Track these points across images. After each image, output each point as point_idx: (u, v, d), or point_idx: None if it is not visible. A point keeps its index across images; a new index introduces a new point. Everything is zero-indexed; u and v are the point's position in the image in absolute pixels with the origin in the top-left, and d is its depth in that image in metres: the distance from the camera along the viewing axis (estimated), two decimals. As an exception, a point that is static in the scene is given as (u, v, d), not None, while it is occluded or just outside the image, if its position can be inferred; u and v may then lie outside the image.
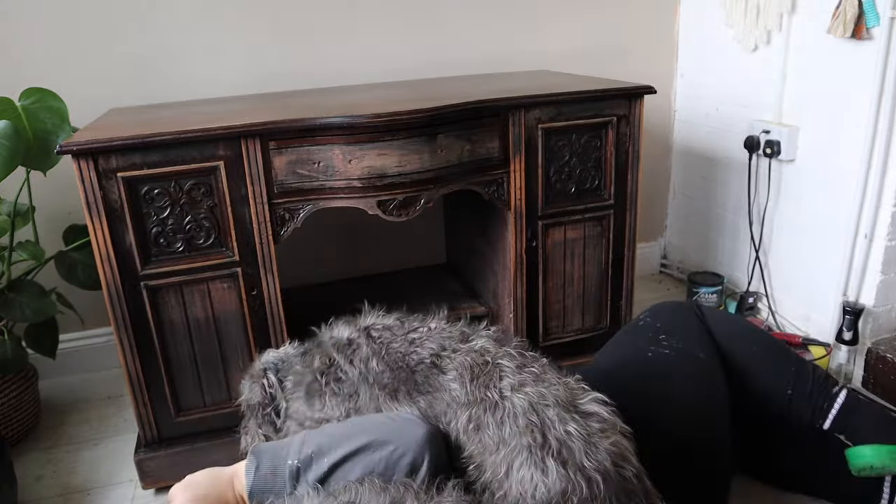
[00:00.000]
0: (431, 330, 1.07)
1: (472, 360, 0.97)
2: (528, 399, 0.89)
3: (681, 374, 1.28)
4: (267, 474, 0.92)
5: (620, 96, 1.64)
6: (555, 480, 0.81)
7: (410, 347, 1.04)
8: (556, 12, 2.22)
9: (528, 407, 0.88)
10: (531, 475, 0.82)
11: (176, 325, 1.47)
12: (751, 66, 2.08)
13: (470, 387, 0.94)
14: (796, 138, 1.94)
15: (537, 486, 0.82)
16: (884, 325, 1.85)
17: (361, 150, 1.43)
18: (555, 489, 0.80)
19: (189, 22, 1.90)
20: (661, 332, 1.35)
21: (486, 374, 0.94)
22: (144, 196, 1.38)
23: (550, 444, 0.83)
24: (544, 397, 0.89)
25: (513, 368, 0.94)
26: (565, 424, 0.85)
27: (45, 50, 1.81)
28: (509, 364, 0.95)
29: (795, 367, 1.35)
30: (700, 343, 1.34)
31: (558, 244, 1.72)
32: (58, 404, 1.94)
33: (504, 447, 0.86)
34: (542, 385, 0.91)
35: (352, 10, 2.02)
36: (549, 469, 0.81)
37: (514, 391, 0.91)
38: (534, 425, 0.86)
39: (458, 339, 1.04)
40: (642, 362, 1.32)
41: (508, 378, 0.93)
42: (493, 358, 0.97)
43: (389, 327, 1.10)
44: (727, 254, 2.33)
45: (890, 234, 1.74)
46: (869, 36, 1.68)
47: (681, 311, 1.42)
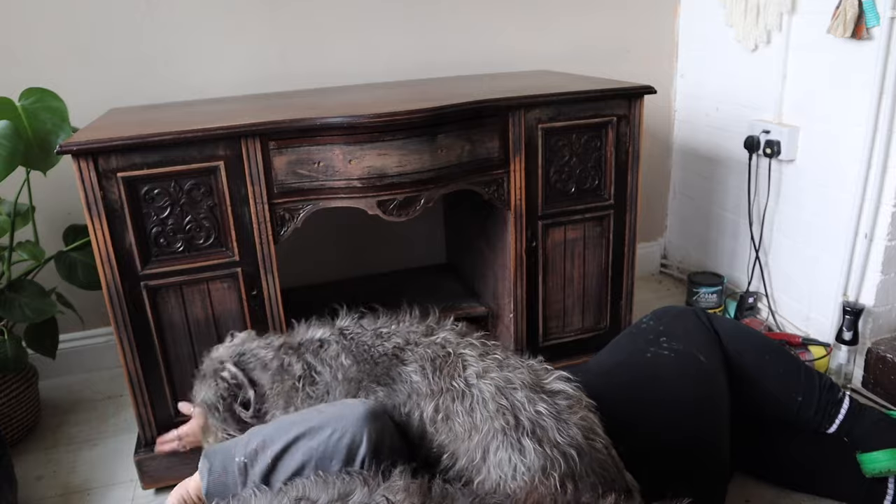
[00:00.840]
0: (399, 325, 1.08)
1: (434, 352, 0.99)
2: (495, 384, 0.91)
3: (678, 376, 1.29)
4: (220, 474, 0.93)
5: (620, 96, 1.64)
6: (533, 459, 0.82)
7: (377, 341, 1.06)
8: (557, 12, 2.22)
9: (496, 391, 0.90)
10: (508, 457, 0.84)
11: (176, 325, 1.47)
12: (751, 65, 2.08)
13: (433, 378, 0.95)
14: (796, 138, 1.94)
15: (516, 466, 0.83)
16: (884, 325, 1.84)
17: (361, 150, 1.43)
18: (534, 467, 0.82)
19: (189, 22, 1.90)
20: (662, 335, 1.35)
21: (449, 364, 0.96)
22: (144, 196, 1.38)
23: (524, 425, 0.85)
24: (510, 381, 0.91)
25: (475, 357, 0.96)
26: (535, 405, 0.87)
27: (45, 50, 1.81)
28: (471, 353, 0.97)
29: (804, 375, 1.38)
30: (702, 347, 1.34)
31: (558, 244, 1.72)
32: (58, 404, 1.94)
33: (477, 433, 0.87)
34: (507, 370, 0.93)
35: (351, 10, 2.02)
36: (526, 448, 0.83)
37: (480, 378, 0.93)
38: (504, 409, 0.87)
39: (422, 333, 1.06)
40: (640, 362, 1.32)
41: (472, 367, 0.95)
42: (454, 349, 0.98)
43: (361, 324, 1.11)
44: (727, 254, 2.33)
45: (890, 234, 1.74)
46: (869, 36, 1.68)
47: (685, 315, 1.43)
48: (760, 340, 1.43)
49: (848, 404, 1.36)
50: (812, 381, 1.37)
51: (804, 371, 1.39)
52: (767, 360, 1.38)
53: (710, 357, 1.33)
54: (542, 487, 0.79)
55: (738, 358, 1.36)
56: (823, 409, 1.35)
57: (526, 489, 0.79)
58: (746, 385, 1.35)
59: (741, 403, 1.37)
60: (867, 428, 1.35)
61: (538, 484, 0.80)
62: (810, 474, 1.44)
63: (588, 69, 2.22)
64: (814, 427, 1.36)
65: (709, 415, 1.27)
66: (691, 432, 1.24)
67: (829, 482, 1.42)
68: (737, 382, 1.35)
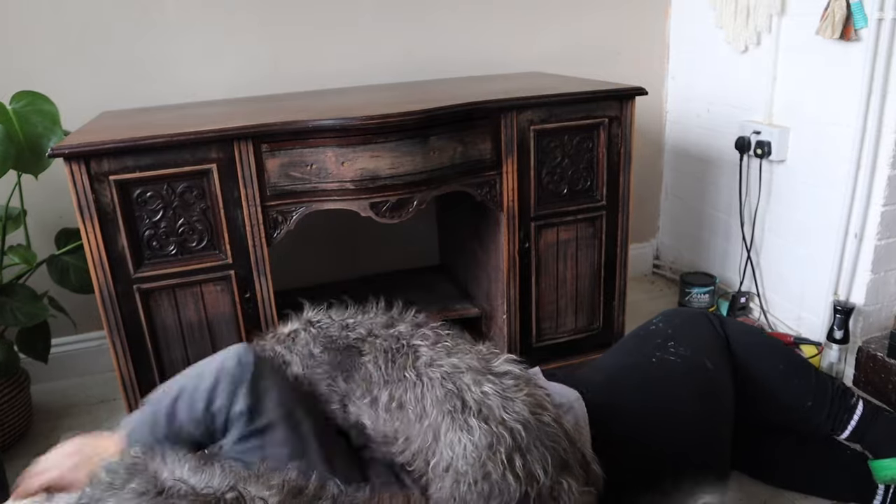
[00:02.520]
0: (363, 317, 1.13)
1: (389, 344, 1.03)
2: (443, 371, 0.95)
3: (683, 383, 1.27)
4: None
5: (612, 98, 1.65)
6: (480, 437, 0.86)
7: (342, 332, 1.09)
8: (548, 14, 2.22)
9: (444, 377, 0.94)
10: (458, 437, 0.88)
11: (169, 328, 1.47)
12: (741, 67, 2.10)
13: (385, 369, 1.00)
14: (787, 139, 1.95)
15: (465, 445, 0.87)
16: (874, 323, 1.86)
17: (354, 152, 1.43)
18: (481, 444, 0.86)
19: (181, 25, 1.90)
20: (670, 339, 1.33)
21: (402, 355, 1.01)
22: (137, 199, 1.38)
23: (470, 406, 0.89)
24: (458, 366, 0.95)
25: (427, 346, 1.01)
26: (480, 386, 0.92)
27: (37, 53, 1.81)
28: (423, 343, 1.02)
29: (816, 379, 1.36)
30: (710, 352, 1.32)
31: (551, 245, 1.73)
32: (50, 409, 1.93)
33: (426, 417, 0.92)
34: (456, 356, 0.98)
35: (344, 13, 2.02)
36: (473, 427, 0.87)
37: (428, 367, 0.97)
38: (452, 392, 0.92)
39: (382, 324, 1.09)
40: (645, 367, 1.31)
41: (423, 356, 0.99)
42: (408, 340, 1.03)
43: (330, 315, 1.15)
44: (719, 254, 2.34)
45: (879, 234, 1.75)
46: (857, 37, 1.69)
47: (695, 318, 1.41)
48: (770, 344, 1.41)
49: (861, 410, 1.34)
50: (823, 386, 1.35)
51: (815, 376, 1.37)
52: (777, 365, 1.36)
53: (717, 363, 1.31)
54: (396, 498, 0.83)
55: (746, 362, 1.35)
56: (835, 415, 1.33)
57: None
58: (755, 390, 1.33)
59: (749, 408, 1.35)
60: (880, 434, 1.33)
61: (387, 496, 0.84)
62: (802, 473, 1.45)
63: (580, 71, 2.22)
64: (825, 433, 1.34)
65: (712, 423, 1.26)
66: (693, 440, 1.23)
67: (820, 481, 1.43)
68: (745, 387, 1.34)
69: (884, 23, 1.62)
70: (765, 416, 1.38)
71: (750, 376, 1.34)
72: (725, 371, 1.32)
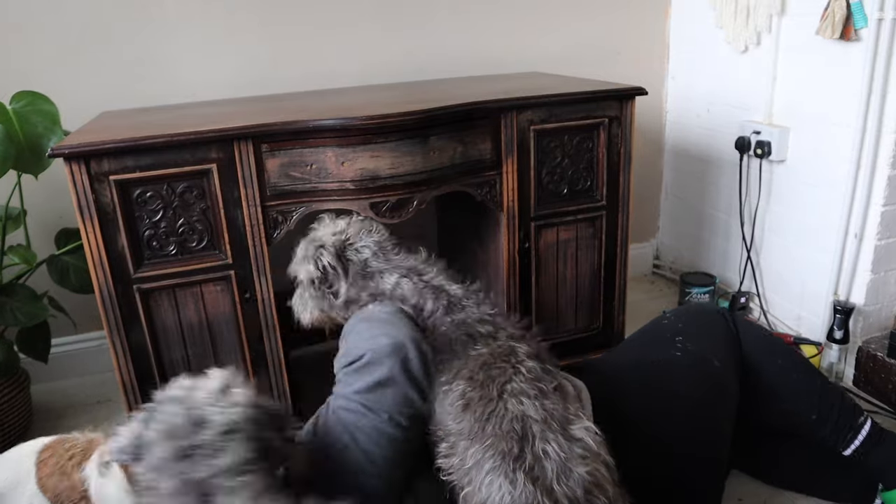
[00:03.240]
0: (500, 319, 1.10)
1: (501, 351, 0.99)
2: (523, 409, 0.89)
3: (684, 378, 1.27)
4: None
5: (612, 98, 1.65)
6: (521, 494, 0.81)
7: (478, 325, 1.06)
8: (548, 15, 2.22)
9: (518, 416, 0.89)
10: (499, 484, 0.84)
11: (169, 328, 1.47)
12: (741, 67, 2.10)
13: (478, 370, 0.95)
14: (787, 139, 1.95)
15: (504, 496, 0.82)
16: (874, 323, 1.86)
17: (354, 152, 1.43)
18: (519, 502, 0.81)
19: (181, 25, 1.90)
20: (679, 333, 1.33)
21: (498, 367, 0.96)
22: (137, 199, 1.38)
23: (526, 458, 0.84)
24: (536, 411, 0.89)
25: (524, 376, 0.95)
26: (546, 443, 0.86)
27: (37, 53, 1.81)
28: (525, 371, 0.96)
29: (825, 392, 1.34)
30: (719, 350, 1.31)
31: (551, 245, 1.73)
32: (50, 408, 1.93)
33: (479, 442, 0.87)
34: (543, 399, 0.92)
35: (343, 12, 2.02)
36: (518, 482, 0.82)
37: (512, 396, 0.92)
38: (515, 434, 0.86)
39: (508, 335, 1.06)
40: (650, 361, 1.31)
41: (513, 383, 0.94)
42: (516, 360, 0.98)
43: (477, 303, 1.13)
44: (719, 254, 2.34)
45: (879, 234, 1.75)
46: (857, 37, 1.69)
47: (709, 314, 1.40)
48: (783, 351, 1.39)
49: (868, 430, 1.32)
50: (832, 400, 1.33)
51: (825, 388, 1.35)
52: (787, 373, 1.34)
53: (725, 361, 1.30)
54: None
55: (756, 366, 1.33)
56: (840, 431, 1.32)
57: None
58: (762, 395, 1.33)
59: (754, 409, 1.35)
60: (886, 460, 1.31)
61: None
62: (802, 473, 1.45)
63: (580, 71, 2.22)
64: (829, 446, 1.33)
65: (713, 419, 1.26)
66: (692, 434, 1.23)
67: (821, 481, 1.43)
68: (752, 391, 1.33)
69: (884, 23, 1.62)
70: (769, 419, 1.38)
71: (758, 377, 1.33)
72: (732, 370, 1.31)
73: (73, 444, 1.21)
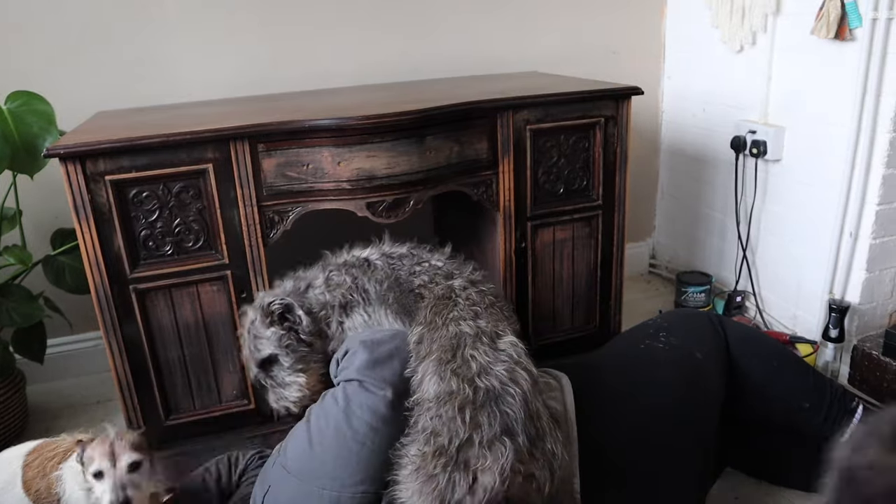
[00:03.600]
0: (429, 265, 1.28)
1: (442, 293, 1.19)
2: (459, 328, 1.10)
3: (664, 366, 1.30)
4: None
5: (608, 97, 1.66)
6: (447, 385, 1.02)
7: (412, 278, 1.27)
8: (544, 14, 2.23)
9: (456, 334, 1.09)
10: (433, 381, 1.05)
11: (165, 328, 1.47)
12: (736, 66, 2.10)
13: (429, 312, 1.16)
14: (782, 138, 1.96)
15: (434, 387, 1.04)
16: (869, 322, 1.87)
17: (350, 152, 1.43)
18: (444, 391, 1.02)
19: (177, 25, 1.90)
20: (663, 330, 1.36)
21: (445, 306, 1.16)
22: (133, 199, 1.37)
23: (456, 361, 1.04)
24: (471, 328, 1.10)
25: (464, 303, 1.16)
26: (474, 350, 1.06)
27: (32, 53, 1.80)
28: (464, 302, 1.16)
29: (814, 382, 1.37)
30: (703, 346, 1.33)
31: (547, 245, 1.73)
32: (46, 409, 1.93)
33: (428, 359, 1.08)
34: (478, 320, 1.12)
35: (340, 12, 2.02)
36: (445, 378, 1.03)
37: (452, 321, 1.12)
38: (451, 346, 1.07)
39: (443, 275, 1.25)
40: (632, 352, 1.35)
41: (455, 311, 1.14)
42: (455, 295, 1.19)
43: (402, 256, 1.32)
44: (715, 253, 2.35)
45: (874, 233, 1.76)
46: (852, 37, 1.70)
47: (695, 316, 1.43)
48: (770, 346, 1.41)
49: (861, 413, 1.34)
50: (822, 389, 1.36)
51: (814, 378, 1.38)
52: (775, 367, 1.36)
53: (708, 355, 1.32)
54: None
55: (744, 363, 1.35)
56: (833, 418, 1.34)
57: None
58: (754, 393, 1.34)
59: (748, 410, 1.37)
60: None
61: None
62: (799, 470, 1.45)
63: (576, 70, 2.23)
64: (824, 435, 1.33)
65: (689, 411, 1.28)
66: (671, 424, 1.25)
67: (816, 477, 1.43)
68: (744, 390, 1.35)
69: (878, 22, 1.62)
70: (763, 415, 1.38)
71: (747, 375, 1.35)
72: (715, 365, 1.33)
73: (57, 446, 1.24)
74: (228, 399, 1.56)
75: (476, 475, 0.95)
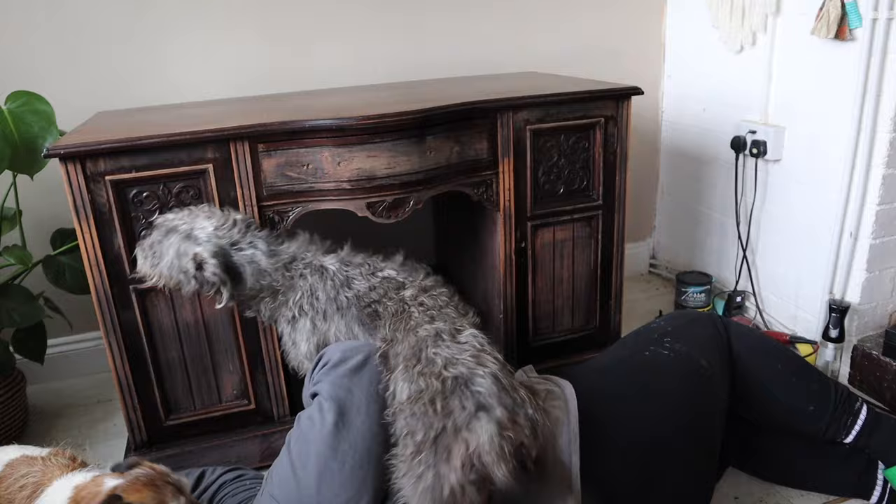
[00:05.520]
0: (382, 279, 1.28)
1: (396, 308, 1.22)
2: (418, 336, 1.13)
3: (671, 374, 1.29)
4: None
5: (608, 97, 1.65)
6: (415, 384, 1.06)
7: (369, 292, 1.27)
8: (544, 15, 2.23)
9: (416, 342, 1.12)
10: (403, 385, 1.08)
11: (165, 328, 1.47)
12: (737, 67, 2.10)
13: (388, 332, 1.19)
14: (782, 138, 1.96)
15: (405, 390, 1.07)
16: (869, 322, 1.87)
17: (350, 152, 1.43)
18: (414, 390, 1.05)
19: (177, 24, 1.90)
20: (667, 335, 1.35)
21: (401, 320, 1.19)
22: (133, 199, 1.37)
23: (420, 363, 1.08)
24: (428, 332, 1.12)
25: (418, 311, 1.18)
26: (436, 348, 1.09)
27: (32, 53, 1.80)
28: (417, 309, 1.19)
29: (818, 384, 1.37)
30: (707, 351, 1.33)
31: (547, 245, 1.73)
32: (46, 409, 1.93)
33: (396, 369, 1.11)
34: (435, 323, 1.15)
35: (340, 12, 2.02)
36: (412, 378, 1.07)
37: (411, 330, 1.15)
38: (415, 353, 1.10)
39: (394, 287, 1.26)
40: (637, 359, 1.33)
41: (412, 321, 1.17)
42: (409, 305, 1.21)
43: (359, 265, 1.31)
44: (715, 253, 2.35)
45: (874, 233, 1.76)
46: (852, 37, 1.70)
47: (698, 319, 1.41)
48: (773, 349, 1.41)
49: (865, 415, 1.35)
50: (826, 392, 1.35)
51: (818, 381, 1.37)
52: (779, 370, 1.36)
53: (713, 362, 1.31)
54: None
55: (747, 365, 1.35)
56: (838, 420, 1.34)
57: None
58: (757, 396, 1.34)
59: (752, 412, 1.37)
60: (886, 441, 1.33)
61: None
62: (800, 468, 1.45)
63: (576, 71, 2.23)
64: (830, 438, 1.35)
65: (695, 419, 1.27)
66: (677, 431, 1.24)
67: (818, 476, 1.44)
68: (748, 393, 1.34)
69: (878, 22, 1.62)
70: (768, 419, 1.38)
71: (750, 377, 1.34)
72: (722, 372, 1.32)
73: (28, 473, 1.14)
74: (228, 399, 1.56)
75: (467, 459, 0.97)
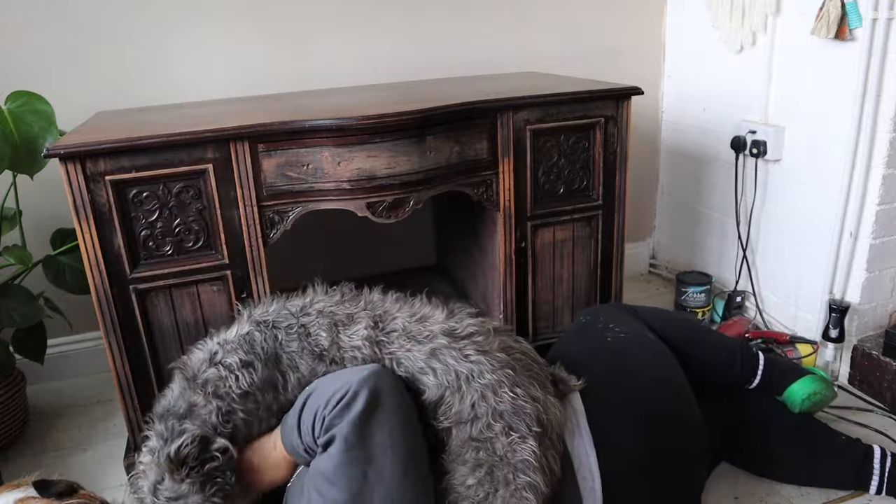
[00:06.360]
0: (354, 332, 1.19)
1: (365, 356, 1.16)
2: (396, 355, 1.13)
3: (642, 350, 1.38)
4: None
5: (608, 97, 1.66)
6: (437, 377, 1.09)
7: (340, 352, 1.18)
8: (544, 15, 2.23)
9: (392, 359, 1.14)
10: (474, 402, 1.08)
11: (165, 328, 1.47)
12: (737, 66, 2.10)
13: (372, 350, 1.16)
14: (782, 138, 1.96)
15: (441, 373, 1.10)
16: (869, 322, 1.87)
17: (350, 152, 1.43)
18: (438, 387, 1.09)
19: (177, 25, 1.90)
20: (608, 324, 1.43)
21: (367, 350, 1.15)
22: (133, 199, 1.37)
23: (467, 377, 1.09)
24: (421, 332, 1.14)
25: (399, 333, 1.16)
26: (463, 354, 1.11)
27: (32, 53, 1.80)
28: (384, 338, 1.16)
29: (721, 339, 1.57)
30: (644, 331, 1.44)
31: (547, 245, 1.73)
32: (46, 409, 1.93)
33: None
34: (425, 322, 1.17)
35: (340, 12, 2.02)
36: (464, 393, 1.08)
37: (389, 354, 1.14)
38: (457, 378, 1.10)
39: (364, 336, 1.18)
40: (607, 346, 1.39)
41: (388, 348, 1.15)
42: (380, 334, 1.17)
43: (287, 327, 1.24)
44: (715, 253, 2.35)
45: (874, 233, 1.76)
46: (852, 37, 1.70)
47: (616, 308, 1.55)
48: (677, 318, 1.65)
49: (763, 356, 1.51)
50: (730, 344, 1.53)
51: (719, 336, 1.60)
52: (689, 333, 1.51)
53: (652, 337, 1.43)
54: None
55: (667, 336, 1.45)
56: (747, 364, 1.49)
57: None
58: (680, 356, 1.44)
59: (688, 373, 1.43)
60: (779, 372, 1.51)
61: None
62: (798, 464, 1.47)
63: (576, 71, 2.23)
64: (743, 382, 1.50)
65: (677, 383, 1.34)
66: (668, 401, 1.30)
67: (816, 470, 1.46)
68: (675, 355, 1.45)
69: (878, 22, 1.62)
70: (696, 377, 1.42)
71: (671, 344, 1.44)
72: (660, 341, 1.44)
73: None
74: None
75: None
